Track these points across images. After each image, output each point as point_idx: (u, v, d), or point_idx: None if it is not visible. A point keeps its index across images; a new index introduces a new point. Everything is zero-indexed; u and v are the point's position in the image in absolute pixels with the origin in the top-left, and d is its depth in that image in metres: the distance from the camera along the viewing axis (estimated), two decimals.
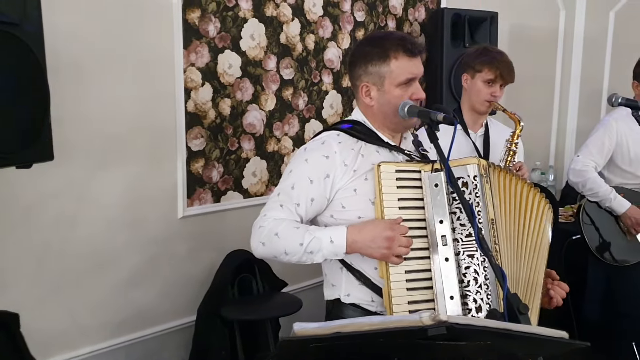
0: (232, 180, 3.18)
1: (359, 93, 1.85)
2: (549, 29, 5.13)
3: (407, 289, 1.67)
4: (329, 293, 1.86)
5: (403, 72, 1.77)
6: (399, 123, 1.82)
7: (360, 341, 1.30)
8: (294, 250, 1.69)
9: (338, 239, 1.68)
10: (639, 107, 2.44)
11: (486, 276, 1.66)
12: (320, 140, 1.82)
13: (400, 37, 1.80)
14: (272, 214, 1.74)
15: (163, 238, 2.97)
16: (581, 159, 3.18)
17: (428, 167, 1.74)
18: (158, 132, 2.89)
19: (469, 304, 1.66)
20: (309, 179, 1.75)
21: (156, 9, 2.81)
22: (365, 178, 1.75)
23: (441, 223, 1.69)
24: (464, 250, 1.68)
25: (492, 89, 2.50)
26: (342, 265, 1.79)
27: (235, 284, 3.02)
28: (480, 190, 1.71)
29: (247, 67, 3.16)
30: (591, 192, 3.15)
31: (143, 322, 2.95)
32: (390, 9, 3.89)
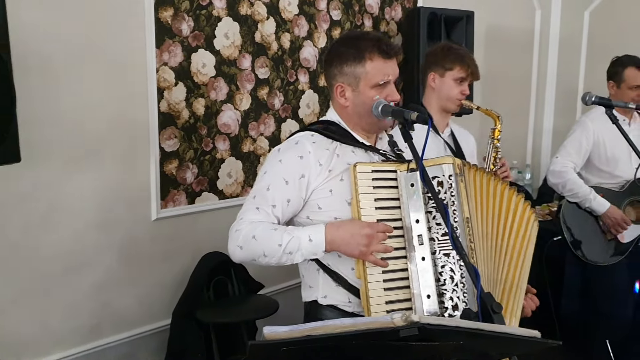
0: (207, 181, 3.14)
1: (333, 93, 1.84)
2: (525, 28, 5.16)
3: (384, 289, 1.67)
4: (307, 294, 1.85)
5: (378, 74, 1.76)
6: (373, 124, 1.82)
7: (332, 343, 1.28)
8: (272, 252, 1.67)
9: (317, 238, 1.66)
10: (612, 105, 2.45)
11: (462, 275, 1.67)
12: (293, 141, 1.80)
13: (376, 38, 1.79)
14: (249, 217, 1.72)
15: (136, 240, 2.92)
16: (560, 160, 3.19)
17: (404, 167, 1.73)
18: (130, 133, 2.84)
19: (445, 302, 1.66)
20: (284, 180, 1.74)
21: (128, 8, 2.77)
22: (341, 178, 1.74)
23: (417, 222, 1.69)
24: (440, 249, 1.68)
25: (462, 87, 2.47)
26: (319, 267, 1.79)
27: (211, 287, 2.99)
28: (456, 189, 1.71)
29: (222, 66, 3.12)
30: (571, 192, 3.16)
31: (117, 326, 2.90)
32: (367, 8, 3.88)
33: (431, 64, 2.52)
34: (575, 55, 5.16)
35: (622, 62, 3.22)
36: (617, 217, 3.13)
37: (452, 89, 2.46)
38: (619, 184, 3.22)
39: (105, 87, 2.73)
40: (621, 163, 3.19)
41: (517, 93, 5.19)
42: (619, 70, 3.20)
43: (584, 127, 3.21)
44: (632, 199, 3.20)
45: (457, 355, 1.48)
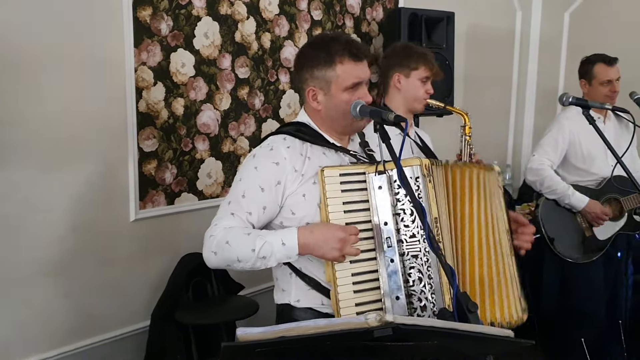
0: (186, 182, 3.11)
1: (305, 97, 1.83)
2: (506, 29, 5.19)
3: (354, 292, 1.68)
4: (279, 297, 1.85)
5: (349, 77, 1.75)
6: (347, 126, 1.82)
7: (306, 344, 1.27)
8: (246, 257, 1.65)
9: (289, 241, 1.66)
10: (588, 106, 2.47)
11: (429, 275, 1.68)
12: (268, 147, 1.78)
13: (346, 41, 1.78)
14: (223, 223, 1.70)
15: (115, 242, 2.89)
16: (537, 158, 3.22)
17: (372, 169, 1.73)
18: (108, 133, 2.81)
19: (414, 303, 1.67)
20: (260, 187, 1.72)
21: (105, 7, 2.74)
22: (314, 182, 1.74)
23: (386, 225, 1.69)
24: (409, 251, 1.69)
25: (427, 86, 2.46)
26: (291, 270, 1.79)
27: (190, 288, 2.97)
28: (423, 190, 1.71)
29: (201, 66, 3.11)
30: (549, 189, 3.19)
31: (94, 328, 2.87)
32: (348, 8, 3.88)
33: (394, 64, 2.48)
34: (555, 55, 5.21)
35: (591, 59, 3.27)
36: (596, 211, 3.16)
37: (419, 89, 2.45)
38: (596, 181, 3.25)
39: (82, 87, 2.70)
40: (597, 161, 3.22)
41: (498, 93, 5.23)
42: (589, 67, 3.25)
43: (560, 126, 3.25)
44: (608, 196, 3.24)
45: (433, 355, 1.48)
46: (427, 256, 1.67)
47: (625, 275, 3.44)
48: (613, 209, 3.24)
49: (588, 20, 5.02)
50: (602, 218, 3.17)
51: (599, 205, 3.17)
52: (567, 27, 5.17)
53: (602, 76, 3.20)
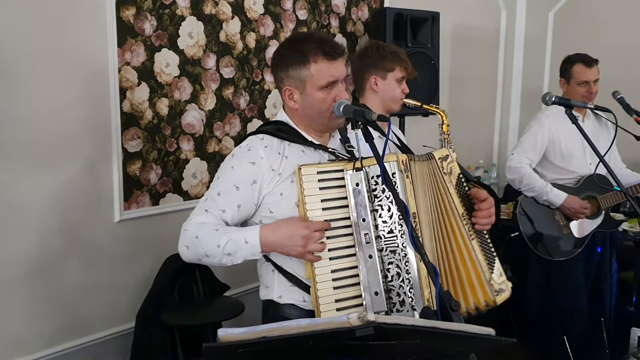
0: (171, 182, 3.10)
1: (282, 96, 1.85)
2: (491, 28, 5.22)
3: (333, 288, 1.69)
4: (264, 293, 1.88)
5: (323, 76, 1.76)
6: (324, 124, 1.83)
7: (289, 344, 1.27)
8: (213, 253, 1.69)
9: (252, 240, 1.68)
10: (571, 105, 2.48)
11: (407, 270, 1.69)
12: (246, 147, 1.80)
13: (320, 40, 1.78)
14: (197, 219, 1.74)
15: (99, 243, 2.87)
16: (516, 157, 3.26)
17: (350, 166, 1.74)
18: (92, 134, 2.79)
19: (393, 298, 1.69)
20: (235, 186, 1.75)
21: (88, 7, 2.72)
22: (292, 180, 1.76)
23: (364, 221, 1.71)
24: (387, 247, 1.70)
25: (403, 86, 2.46)
26: (273, 267, 1.81)
27: (176, 289, 2.96)
28: (400, 186, 1.72)
29: (186, 65, 3.09)
30: (528, 187, 3.22)
31: (80, 330, 2.86)
32: (333, 8, 3.88)
33: (369, 66, 2.46)
34: (540, 55, 5.25)
35: (571, 59, 3.30)
36: (575, 206, 3.19)
37: (395, 90, 2.44)
38: (575, 179, 3.29)
39: (65, 87, 2.68)
40: (576, 159, 3.26)
41: (484, 92, 5.26)
42: (568, 67, 3.29)
43: (540, 124, 3.28)
44: (587, 194, 3.27)
45: (416, 354, 1.49)
46: (404, 251, 1.69)
47: (610, 272, 3.47)
48: (592, 207, 3.27)
49: (572, 20, 5.06)
50: (581, 212, 3.20)
51: (578, 200, 3.20)
52: (551, 27, 5.22)
53: (580, 77, 3.23)
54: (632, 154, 3.35)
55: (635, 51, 4.63)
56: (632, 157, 3.53)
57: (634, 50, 4.63)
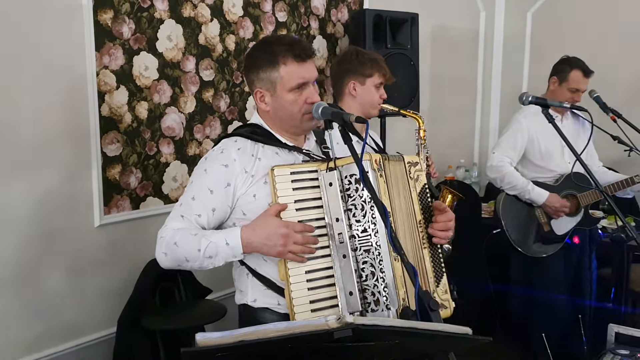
0: (152, 186, 3.09)
1: (254, 99, 1.86)
2: (470, 29, 5.26)
3: (308, 289, 1.69)
4: (239, 298, 1.88)
5: (293, 78, 1.77)
6: (296, 126, 1.84)
7: (267, 348, 1.27)
8: (193, 257, 1.69)
9: (233, 241, 1.68)
10: (547, 105, 2.51)
11: (382, 269, 1.68)
12: (219, 150, 1.81)
13: (289, 42, 1.79)
14: (172, 225, 1.74)
15: (79, 248, 2.85)
16: (497, 156, 3.29)
17: (323, 166, 1.75)
18: (71, 138, 2.77)
19: (367, 297, 1.68)
20: (209, 190, 1.75)
21: (65, 10, 2.70)
22: (265, 181, 1.75)
23: (337, 221, 1.71)
24: (361, 246, 1.70)
25: (381, 91, 2.52)
26: (248, 271, 1.80)
27: (157, 293, 2.94)
28: (374, 185, 1.72)
29: (165, 69, 3.08)
30: (510, 185, 3.26)
31: (60, 336, 2.83)
32: (313, 10, 3.88)
33: (348, 72, 2.50)
34: (519, 55, 5.30)
35: (571, 63, 3.30)
36: (556, 205, 3.23)
37: (374, 95, 2.50)
38: (554, 177, 3.33)
39: (43, 92, 2.65)
40: (554, 158, 3.31)
41: (464, 93, 5.30)
42: (567, 69, 3.30)
43: (518, 124, 3.32)
44: (566, 192, 3.31)
45: (395, 355, 1.50)
46: (379, 250, 1.68)
47: (589, 269, 3.52)
48: (570, 205, 3.31)
49: (550, 20, 5.12)
50: (562, 211, 3.24)
51: (558, 199, 3.25)
52: (529, 27, 5.27)
53: (575, 84, 3.26)
54: (609, 152, 3.40)
55: (612, 51, 4.69)
56: (609, 155, 3.57)
57: (610, 50, 4.70)
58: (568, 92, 3.28)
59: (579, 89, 3.26)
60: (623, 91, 4.51)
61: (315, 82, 1.84)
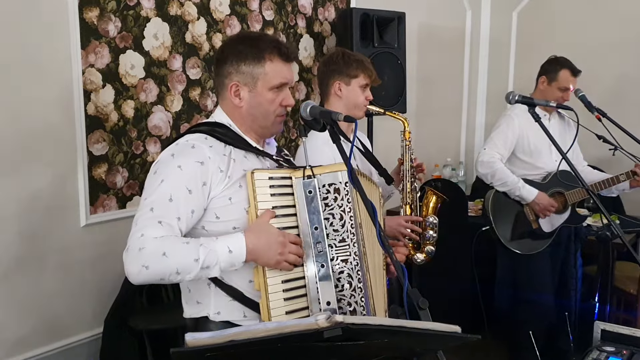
0: (138, 185, 3.06)
1: (227, 92, 1.77)
2: (456, 28, 5.28)
3: (284, 299, 1.64)
4: (193, 311, 1.75)
5: (277, 76, 1.74)
6: (266, 127, 1.79)
7: (257, 348, 1.27)
8: (188, 268, 1.54)
9: (237, 248, 1.58)
10: (534, 104, 2.53)
11: (359, 279, 1.67)
12: (189, 145, 1.68)
13: (276, 40, 1.78)
14: (151, 233, 1.54)
15: (65, 248, 2.83)
16: (487, 152, 3.31)
17: (298, 174, 1.70)
18: (56, 137, 2.75)
19: (344, 307, 1.66)
20: (187, 189, 1.61)
21: (50, 8, 2.67)
22: (240, 185, 1.68)
23: (316, 229, 1.67)
24: (338, 256, 1.68)
25: (367, 93, 2.52)
26: (210, 281, 1.68)
27: (144, 292, 2.92)
28: (351, 195, 1.71)
29: (151, 67, 3.06)
30: (500, 182, 3.28)
31: (46, 337, 2.80)
32: (300, 8, 3.88)
33: (334, 72, 2.50)
34: (504, 54, 5.33)
35: (560, 62, 3.34)
36: (544, 203, 3.26)
37: (359, 96, 2.49)
38: (541, 175, 3.36)
39: (28, 90, 2.62)
40: (543, 156, 3.34)
41: (450, 91, 5.32)
42: (556, 68, 3.33)
43: (509, 121, 3.34)
44: (553, 190, 3.34)
45: (385, 353, 1.50)
46: (356, 260, 1.67)
47: (575, 267, 3.55)
48: (558, 203, 3.34)
49: (535, 19, 5.16)
50: (549, 210, 3.27)
51: (547, 197, 3.27)
52: (515, 26, 5.30)
53: (564, 83, 3.30)
54: (595, 151, 3.42)
55: (596, 50, 4.74)
56: (595, 154, 3.61)
57: (595, 48, 4.74)
58: (558, 91, 3.31)
59: (569, 88, 3.29)
60: (607, 90, 4.56)
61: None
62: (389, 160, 2.79)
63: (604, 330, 2.01)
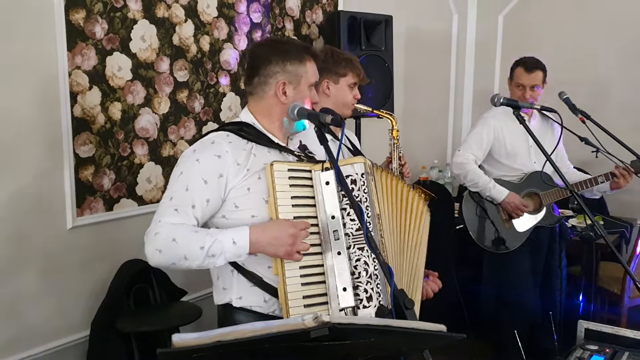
0: (125, 187, 3.06)
1: (271, 90, 1.83)
2: (443, 31, 5.32)
3: (302, 284, 1.71)
4: (220, 297, 1.85)
5: (313, 75, 1.88)
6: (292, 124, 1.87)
7: (244, 348, 1.28)
8: (194, 255, 1.64)
9: (241, 240, 1.67)
10: (519, 106, 2.56)
11: (375, 267, 1.73)
12: (209, 140, 1.79)
13: (303, 43, 1.92)
14: (168, 220, 1.67)
15: (52, 251, 2.81)
16: (462, 153, 3.36)
17: (318, 167, 1.79)
18: (42, 139, 2.74)
19: (360, 294, 1.72)
20: (203, 180, 1.71)
21: (35, 10, 2.66)
22: (259, 177, 1.76)
23: (333, 219, 1.75)
24: (355, 244, 1.75)
25: (355, 91, 2.53)
26: (233, 267, 1.79)
27: (131, 295, 2.92)
28: (367, 187, 1.79)
29: (138, 69, 3.06)
30: (472, 182, 3.32)
31: (33, 340, 2.79)
32: (287, 11, 3.89)
33: (322, 70, 2.43)
34: (490, 57, 5.37)
35: (517, 61, 3.39)
36: (515, 202, 3.30)
37: (347, 95, 2.49)
38: (518, 176, 3.40)
39: (13, 92, 2.61)
40: (520, 157, 3.38)
41: (437, 94, 5.35)
42: (513, 67, 3.39)
43: (485, 123, 3.38)
44: (529, 190, 3.39)
45: (372, 353, 1.51)
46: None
47: (560, 267, 3.58)
48: (534, 203, 3.38)
49: (521, 22, 5.20)
50: (521, 209, 3.31)
51: (518, 197, 3.31)
52: (501, 29, 5.35)
53: (517, 79, 3.33)
54: (578, 153, 3.46)
55: (581, 52, 4.79)
56: (578, 156, 3.64)
57: (580, 51, 4.80)
58: (516, 89, 3.34)
59: (523, 84, 3.29)
60: (591, 92, 4.61)
61: None
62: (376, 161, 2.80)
63: (588, 329, 2.04)
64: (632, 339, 1.96)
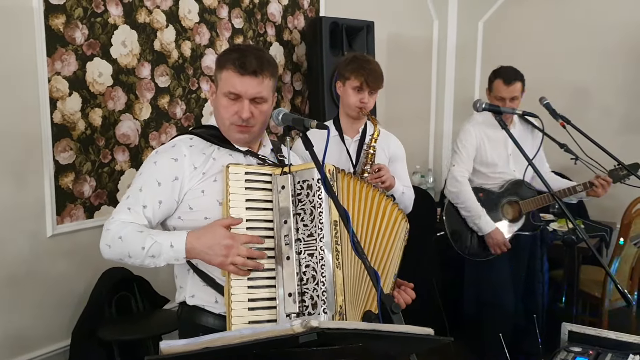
0: (106, 194, 3.02)
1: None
2: (424, 37, 5.36)
3: (247, 287, 1.69)
4: (178, 295, 1.89)
5: (226, 85, 1.80)
6: (225, 132, 1.85)
7: (232, 355, 1.26)
8: (136, 254, 1.69)
9: (178, 244, 1.68)
10: (500, 111, 2.58)
11: (322, 274, 1.70)
12: (171, 144, 1.84)
13: (242, 52, 1.80)
14: (120, 217, 1.74)
15: (31, 259, 2.77)
16: (457, 169, 3.34)
17: (277, 171, 1.79)
18: (21, 146, 2.70)
19: (306, 301, 1.69)
20: (157, 181, 1.77)
21: (14, 15, 2.63)
22: (215, 179, 1.78)
23: (285, 223, 1.73)
24: (305, 249, 1.72)
25: (361, 95, 2.58)
26: (189, 267, 1.82)
27: (113, 303, 2.88)
28: (323, 192, 1.74)
29: (119, 75, 3.03)
30: (463, 205, 3.32)
31: (11, 351, 2.74)
32: (269, 17, 3.89)
33: (338, 72, 2.67)
34: (470, 62, 5.43)
35: (495, 73, 3.34)
36: (498, 239, 3.30)
37: (351, 97, 2.60)
38: (498, 184, 3.41)
39: None
40: (499, 165, 3.39)
41: (418, 99, 5.38)
42: (492, 79, 3.35)
43: (468, 133, 3.38)
44: (509, 198, 3.40)
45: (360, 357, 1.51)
46: (322, 254, 1.70)
47: (542, 271, 3.60)
48: (514, 211, 3.40)
49: (500, 29, 5.27)
50: (501, 248, 3.32)
51: (502, 235, 3.32)
52: (481, 36, 5.41)
53: (497, 92, 3.29)
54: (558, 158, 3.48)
55: (559, 58, 4.86)
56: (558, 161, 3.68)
57: (558, 57, 4.86)
58: (496, 101, 3.28)
59: (503, 97, 3.27)
60: (571, 97, 4.67)
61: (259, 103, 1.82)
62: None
63: (571, 332, 2.05)
64: (615, 341, 1.98)
